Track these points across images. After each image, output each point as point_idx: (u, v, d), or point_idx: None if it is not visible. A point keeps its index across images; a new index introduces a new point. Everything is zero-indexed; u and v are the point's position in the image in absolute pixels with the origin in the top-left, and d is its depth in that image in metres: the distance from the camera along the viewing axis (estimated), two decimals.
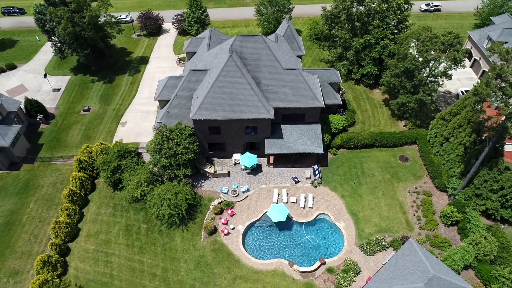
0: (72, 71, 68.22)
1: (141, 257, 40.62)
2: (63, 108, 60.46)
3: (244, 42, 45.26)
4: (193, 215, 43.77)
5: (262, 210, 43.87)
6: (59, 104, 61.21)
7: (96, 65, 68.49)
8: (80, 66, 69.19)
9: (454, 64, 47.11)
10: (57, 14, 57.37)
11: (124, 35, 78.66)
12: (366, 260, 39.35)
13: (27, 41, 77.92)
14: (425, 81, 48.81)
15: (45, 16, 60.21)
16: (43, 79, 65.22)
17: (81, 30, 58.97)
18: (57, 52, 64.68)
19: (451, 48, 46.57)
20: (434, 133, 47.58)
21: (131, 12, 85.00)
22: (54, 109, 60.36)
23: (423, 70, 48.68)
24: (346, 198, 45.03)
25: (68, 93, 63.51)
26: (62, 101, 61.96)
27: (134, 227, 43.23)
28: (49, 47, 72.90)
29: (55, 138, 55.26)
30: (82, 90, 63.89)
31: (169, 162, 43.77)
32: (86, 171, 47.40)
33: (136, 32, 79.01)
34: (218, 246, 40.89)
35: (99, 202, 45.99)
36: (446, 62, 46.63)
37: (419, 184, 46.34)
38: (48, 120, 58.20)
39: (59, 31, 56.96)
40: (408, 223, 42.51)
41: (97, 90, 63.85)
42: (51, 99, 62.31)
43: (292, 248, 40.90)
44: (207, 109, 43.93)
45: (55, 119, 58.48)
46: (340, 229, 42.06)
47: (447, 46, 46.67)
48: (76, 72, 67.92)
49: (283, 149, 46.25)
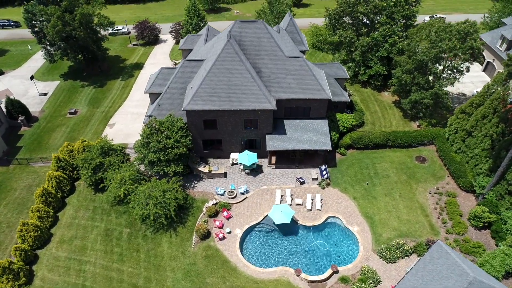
0: (62, 77, 64.62)
1: (121, 265, 34.49)
2: (48, 111, 56.09)
3: (244, 28, 41.68)
4: (184, 218, 38.04)
5: (263, 212, 38.22)
6: (44, 108, 56.93)
7: (87, 70, 65.06)
8: (71, 72, 65.73)
9: (471, 56, 43.39)
10: (47, 11, 54.52)
11: (119, 44, 76.31)
12: (386, 268, 33.25)
13: (19, 50, 75.12)
14: (441, 74, 44.78)
15: (36, 16, 57.34)
16: (30, 84, 61.42)
17: (72, 29, 55.94)
18: (47, 55, 61.36)
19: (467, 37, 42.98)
20: (453, 129, 42.86)
21: (129, 25, 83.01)
22: (39, 113, 55.98)
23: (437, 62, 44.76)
24: (359, 200, 39.52)
25: (56, 97, 59.43)
26: (48, 104, 57.74)
27: (115, 232, 37.36)
28: (40, 55, 69.72)
29: (36, 140, 50.40)
30: (71, 94, 59.87)
31: (158, 157, 38.67)
32: (65, 171, 42.14)
33: (132, 42, 76.42)
34: (211, 252, 34.88)
35: (77, 205, 40.36)
36: (463, 53, 42.81)
37: (441, 185, 40.97)
38: (30, 123, 53.64)
39: (48, 29, 53.77)
40: (432, 227, 36.74)
41: (87, 94, 59.84)
42: (36, 103, 58.11)
43: (298, 255, 34.89)
44: (202, 98, 39.51)
45: (38, 121, 53.94)
46: (354, 234, 36.23)
47: (463, 35, 43.09)
48: (66, 78, 64.29)
49: (286, 145, 41.32)
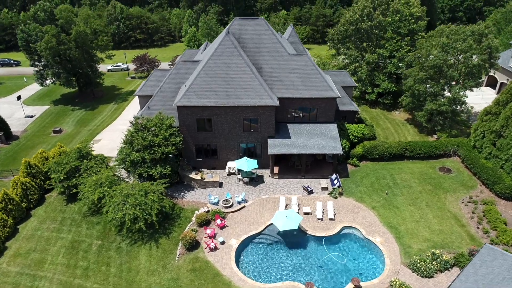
0: (53, 103, 61.46)
1: (84, 281, 27.20)
2: (31, 131, 51.69)
3: (244, 25, 39.05)
4: (168, 228, 31.39)
5: (264, 222, 31.67)
6: (28, 128, 52.68)
7: (81, 97, 62.17)
8: (63, 99, 62.75)
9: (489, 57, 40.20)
10: (42, 29, 53.10)
11: (117, 78, 74.64)
12: (422, 284, 25.92)
13: (14, 82, 73.14)
14: (458, 78, 41.12)
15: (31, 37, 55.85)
16: (17, 108, 58.04)
17: (67, 49, 54.04)
18: (38, 77, 58.89)
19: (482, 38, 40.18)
20: (480, 133, 37.87)
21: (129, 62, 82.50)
22: (21, 132, 51.56)
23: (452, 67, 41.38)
24: (379, 210, 33.12)
25: (42, 119, 55.53)
26: (33, 125, 53.57)
27: (83, 244, 30.50)
28: (35, 85, 67.77)
29: (11, 156, 45.16)
30: (59, 117, 56.01)
31: (142, 157, 33.28)
32: (36, 179, 36.38)
33: (130, 75, 74.86)
34: (199, 265, 27.76)
35: (44, 216, 33.90)
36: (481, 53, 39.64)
37: (474, 193, 34.82)
38: (10, 140, 48.95)
39: (40, 44, 51.74)
40: (472, 237, 29.91)
41: (76, 116, 56.01)
42: (20, 124, 54.02)
43: (309, 271, 27.68)
44: (196, 94, 35.34)
45: (18, 140, 49.27)
46: (377, 245, 29.33)
47: (477, 37, 40.33)
48: (57, 103, 61.08)
49: (291, 149, 36.11)
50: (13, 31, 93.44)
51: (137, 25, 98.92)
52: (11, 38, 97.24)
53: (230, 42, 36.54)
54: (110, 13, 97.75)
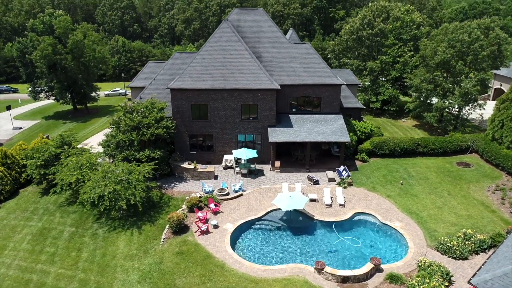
0: (45, 118, 59.15)
1: (48, 266, 22.64)
2: (17, 140, 48.63)
3: (243, 15, 37.84)
4: (154, 216, 27.19)
5: (264, 208, 27.59)
6: (14, 137, 49.77)
7: (74, 114, 60.03)
8: (56, 115, 60.53)
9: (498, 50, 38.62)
10: (39, 39, 52.37)
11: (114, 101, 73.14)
12: (456, 266, 21.44)
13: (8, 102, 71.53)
14: (468, 72, 39.14)
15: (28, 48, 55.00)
16: (7, 121, 55.58)
17: (62, 59, 52.88)
18: (32, 91, 57.19)
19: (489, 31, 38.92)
20: (498, 123, 34.93)
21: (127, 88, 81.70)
22: (6, 141, 48.59)
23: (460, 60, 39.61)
24: (395, 198, 29.14)
25: (31, 130, 52.73)
26: (20, 135, 50.67)
27: (53, 231, 26.17)
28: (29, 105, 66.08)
29: None
30: (49, 129, 53.24)
31: (129, 139, 30.02)
32: (11, 171, 32.75)
33: (128, 98, 73.47)
34: (188, 248, 23.32)
35: (14, 208, 29.79)
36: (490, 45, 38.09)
37: (501, 182, 31.01)
38: None
39: (36, 53, 50.59)
40: (507, 222, 25.74)
41: (66, 127, 53.25)
42: (7, 134, 51.16)
43: (317, 257, 23.15)
44: (192, 77, 33.03)
45: (1, 146, 46.09)
46: (397, 230, 25.06)
47: (483, 30, 39.09)
48: (49, 118, 58.76)
49: (294, 137, 32.96)
50: (14, 63, 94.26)
51: (138, 57, 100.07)
52: (12, 70, 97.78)
53: (228, 28, 35.05)
54: (112, 46, 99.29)
